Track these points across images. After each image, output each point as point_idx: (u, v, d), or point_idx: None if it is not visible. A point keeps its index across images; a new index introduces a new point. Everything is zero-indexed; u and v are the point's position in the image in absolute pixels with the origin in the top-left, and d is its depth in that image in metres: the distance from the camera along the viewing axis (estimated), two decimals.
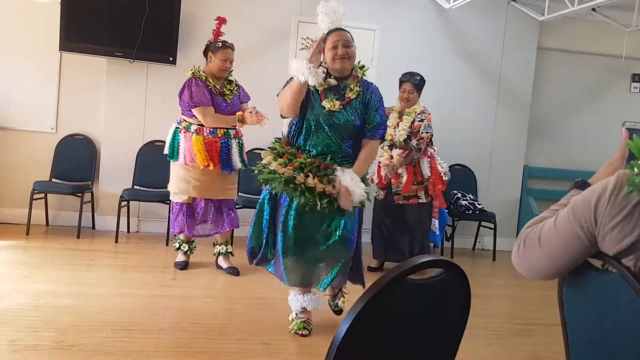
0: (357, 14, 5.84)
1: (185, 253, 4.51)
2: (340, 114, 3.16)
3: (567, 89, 6.61)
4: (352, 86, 3.21)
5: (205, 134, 4.21)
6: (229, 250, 4.55)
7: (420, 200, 4.82)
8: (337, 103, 3.16)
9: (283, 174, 3.11)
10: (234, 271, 4.46)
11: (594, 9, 5.47)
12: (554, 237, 1.37)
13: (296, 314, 3.37)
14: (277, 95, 3.26)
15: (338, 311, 3.51)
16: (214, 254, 4.57)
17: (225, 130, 4.27)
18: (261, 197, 3.36)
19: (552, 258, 1.38)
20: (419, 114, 4.75)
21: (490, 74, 6.27)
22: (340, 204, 3.08)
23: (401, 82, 4.84)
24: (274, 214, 3.28)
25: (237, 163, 4.35)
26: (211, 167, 4.21)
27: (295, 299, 3.37)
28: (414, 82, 4.79)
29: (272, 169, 3.16)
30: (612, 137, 6.30)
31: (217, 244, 4.56)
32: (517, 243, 1.46)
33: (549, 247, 1.38)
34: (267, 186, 3.27)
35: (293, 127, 3.27)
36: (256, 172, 3.27)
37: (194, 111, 4.18)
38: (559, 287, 1.48)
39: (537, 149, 6.57)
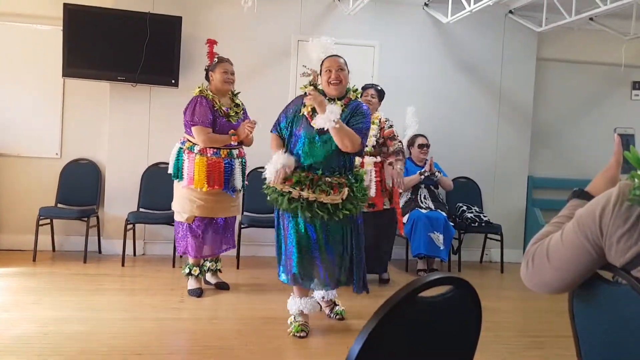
0: (356, 30, 5.91)
1: (197, 278, 4.40)
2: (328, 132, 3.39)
3: (568, 98, 6.63)
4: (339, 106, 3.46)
5: (208, 154, 4.19)
6: (218, 268, 4.64)
7: (385, 207, 4.87)
8: None
9: (282, 190, 3.41)
10: (224, 286, 4.57)
11: (591, 19, 5.50)
12: (561, 251, 1.37)
13: (294, 317, 3.63)
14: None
15: (341, 318, 3.89)
16: (203, 270, 4.49)
17: (228, 150, 4.27)
18: (275, 218, 3.65)
19: (561, 271, 1.38)
20: (385, 121, 4.91)
21: (491, 86, 6.29)
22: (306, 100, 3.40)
23: (365, 87, 4.99)
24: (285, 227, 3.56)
25: (239, 184, 4.35)
26: (205, 189, 4.17)
27: (294, 302, 3.63)
28: (376, 89, 5.03)
29: (273, 186, 3.45)
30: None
31: (206, 260, 4.54)
32: (525, 260, 1.45)
33: (558, 260, 1.37)
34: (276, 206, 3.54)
35: (290, 146, 3.54)
36: (266, 193, 3.56)
37: (193, 129, 4.17)
38: (570, 300, 1.48)
39: (540, 159, 6.58)
